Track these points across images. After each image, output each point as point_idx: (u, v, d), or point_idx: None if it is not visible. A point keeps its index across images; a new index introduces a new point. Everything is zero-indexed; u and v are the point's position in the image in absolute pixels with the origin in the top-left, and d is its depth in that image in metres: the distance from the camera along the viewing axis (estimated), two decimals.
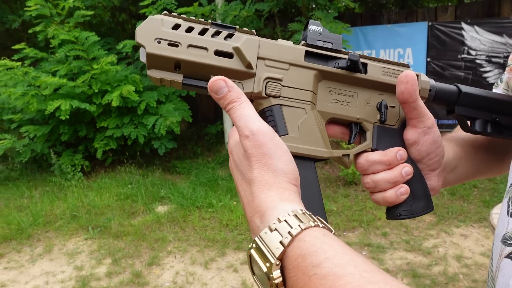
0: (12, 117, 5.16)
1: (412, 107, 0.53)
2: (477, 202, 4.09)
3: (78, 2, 5.27)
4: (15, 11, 6.47)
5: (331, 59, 0.56)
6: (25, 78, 4.82)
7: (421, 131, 0.55)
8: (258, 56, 0.53)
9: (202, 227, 3.81)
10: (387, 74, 0.57)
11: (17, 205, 4.48)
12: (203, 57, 0.51)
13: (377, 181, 0.54)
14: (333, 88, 0.57)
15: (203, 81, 0.53)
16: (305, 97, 0.54)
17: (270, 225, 0.40)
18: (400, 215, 0.55)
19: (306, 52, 0.55)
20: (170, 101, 5.43)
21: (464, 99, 0.59)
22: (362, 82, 0.57)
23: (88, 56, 5.07)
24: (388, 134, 0.57)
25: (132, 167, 5.26)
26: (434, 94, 0.59)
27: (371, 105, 0.58)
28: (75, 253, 3.47)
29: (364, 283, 0.33)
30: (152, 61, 0.51)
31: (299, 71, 0.54)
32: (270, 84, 0.53)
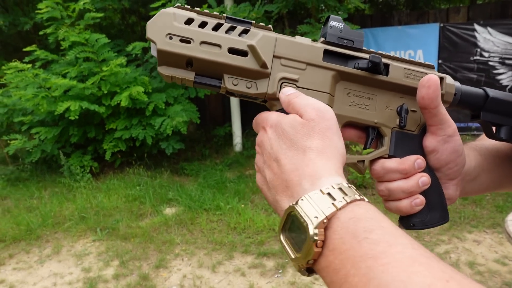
0: (22, 119, 5.21)
1: (432, 114, 0.51)
2: (490, 207, 4.00)
3: (88, 4, 5.30)
4: (27, 13, 6.54)
5: (351, 58, 0.53)
6: (36, 80, 4.87)
7: (441, 139, 0.52)
8: (274, 54, 0.50)
9: (209, 230, 3.79)
10: (410, 76, 0.53)
11: (26, 206, 4.51)
12: (216, 55, 0.49)
13: (392, 190, 0.52)
14: (351, 90, 0.53)
15: (215, 80, 0.51)
16: (322, 99, 0.51)
17: (322, 189, 0.40)
18: (414, 225, 0.53)
19: (325, 50, 0.52)
20: (179, 102, 5.43)
21: (491, 104, 0.55)
22: (383, 84, 0.54)
23: (98, 58, 5.09)
24: (407, 140, 0.54)
25: (141, 169, 5.27)
26: (459, 98, 0.55)
27: (390, 108, 0.54)
28: (83, 255, 3.48)
29: (416, 255, 0.33)
30: (163, 58, 0.49)
31: (317, 71, 0.51)
32: (286, 85, 0.51)
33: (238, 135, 6.14)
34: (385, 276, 0.32)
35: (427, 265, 0.32)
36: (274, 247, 3.43)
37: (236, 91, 0.51)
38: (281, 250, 3.35)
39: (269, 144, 0.46)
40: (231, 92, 0.52)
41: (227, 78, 0.50)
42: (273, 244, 3.49)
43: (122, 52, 5.80)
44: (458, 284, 0.30)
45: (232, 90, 0.51)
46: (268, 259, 3.27)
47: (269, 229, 3.72)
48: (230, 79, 0.50)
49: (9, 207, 4.51)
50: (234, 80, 0.50)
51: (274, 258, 3.26)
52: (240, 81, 0.50)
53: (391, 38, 5.93)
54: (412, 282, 0.30)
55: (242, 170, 5.40)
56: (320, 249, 0.38)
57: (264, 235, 3.61)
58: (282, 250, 3.26)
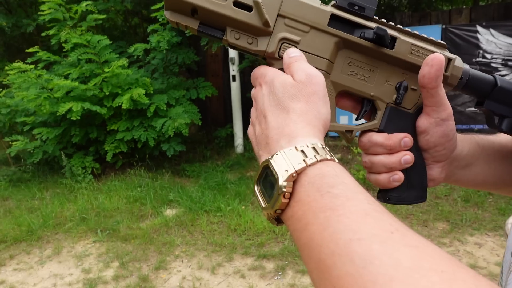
0: (25, 119, 5.23)
1: (430, 94, 0.50)
2: (492, 210, 3.97)
3: (90, 6, 5.33)
4: (30, 15, 6.58)
5: (358, 27, 0.51)
6: (38, 81, 4.89)
7: (433, 121, 0.52)
8: (278, 13, 0.49)
9: (210, 232, 3.78)
10: (416, 53, 0.51)
11: (28, 207, 4.52)
12: (221, 6, 0.48)
13: (375, 163, 0.53)
14: (353, 59, 0.52)
15: (218, 31, 0.50)
16: (319, 65, 0.50)
17: (297, 146, 0.42)
18: (389, 199, 0.54)
19: (332, 15, 0.50)
20: (180, 104, 5.44)
21: (498, 93, 0.53)
22: (386, 57, 0.52)
23: (99, 59, 5.11)
24: (400, 117, 0.53)
25: (142, 170, 5.28)
26: (465, 82, 0.53)
27: (390, 83, 0.53)
28: (83, 256, 3.48)
29: (370, 209, 0.35)
30: (170, 2, 0.49)
31: (320, 35, 0.50)
32: (286, 45, 0.50)
33: (240, 136, 6.14)
34: (339, 226, 0.34)
35: (377, 218, 0.34)
36: (274, 249, 3.42)
37: (237, 45, 0.50)
38: (281, 252, 3.34)
39: (262, 99, 0.48)
40: (232, 45, 0.51)
41: (230, 31, 0.50)
42: (273, 246, 3.48)
43: (124, 53, 5.82)
44: (402, 235, 0.32)
45: (234, 44, 0.50)
46: (268, 261, 3.26)
47: (270, 231, 3.71)
48: (233, 32, 0.50)
49: (11, 208, 4.52)
50: (236, 34, 0.50)
51: (274, 260, 3.25)
52: (242, 36, 0.50)
53: None
54: (361, 231, 0.33)
55: (243, 172, 5.40)
56: (287, 200, 0.41)
57: (264, 237, 3.60)
58: (282, 252, 3.26)
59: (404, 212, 3.96)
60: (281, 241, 3.55)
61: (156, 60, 5.70)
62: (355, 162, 5.34)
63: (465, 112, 5.79)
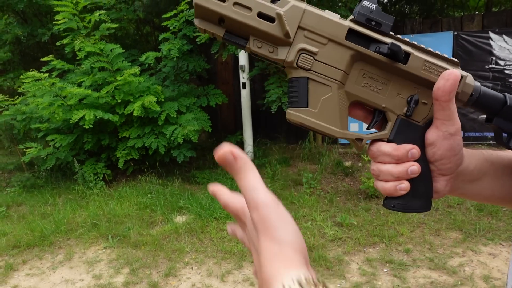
0: (39, 126, 5.33)
1: (442, 107, 0.52)
2: (507, 219, 3.90)
3: (104, 15, 5.43)
4: (45, 24, 6.74)
5: (374, 41, 0.53)
6: (52, 89, 4.99)
7: (442, 134, 0.53)
8: (299, 25, 0.52)
9: (219, 239, 3.79)
10: (428, 69, 0.54)
11: (41, 212, 4.59)
12: (246, 17, 0.51)
13: (382, 171, 0.54)
14: (367, 71, 0.54)
15: (242, 39, 0.54)
16: (335, 75, 0.53)
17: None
18: (394, 206, 0.56)
19: (350, 29, 0.53)
20: (191, 111, 5.49)
21: (507, 111, 0.55)
22: (399, 72, 0.54)
23: (112, 67, 5.20)
24: (410, 129, 0.55)
25: (152, 177, 5.32)
26: (475, 99, 0.55)
27: (401, 96, 0.55)
28: (94, 262, 3.52)
29: None
30: (199, 11, 0.52)
31: (337, 48, 0.53)
32: (304, 56, 0.53)
33: (250, 143, 6.16)
34: None
35: None
36: None
37: (259, 53, 0.53)
38: None
39: (249, 242, 0.48)
40: (254, 53, 0.54)
41: (253, 40, 0.53)
42: None
43: (136, 61, 5.91)
44: None
45: (256, 52, 0.53)
46: None
47: None
48: (255, 41, 0.53)
49: (24, 214, 4.60)
50: (259, 43, 0.53)
51: None
52: (264, 45, 0.53)
53: None
54: None
55: None
56: None
57: None
58: None
59: (416, 221, 3.91)
60: None
61: (167, 68, 5.77)
62: (365, 170, 5.31)
63: (478, 120, 5.72)
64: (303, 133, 6.21)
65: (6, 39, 6.63)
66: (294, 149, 6.30)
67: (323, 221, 4.03)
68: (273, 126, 6.80)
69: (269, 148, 6.40)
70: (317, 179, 5.05)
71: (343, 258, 3.35)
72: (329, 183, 5.09)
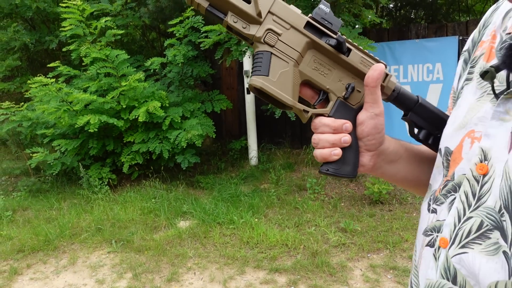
0: (45, 131, 5.39)
1: (370, 91, 0.64)
2: None
3: (109, 22, 5.50)
4: (52, 31, 6.83)
5: (325, 35, 0.66)
6: (58, 94, 5.05)
7: (369, 114, 0.65)
8: (269, 10, 0.64)
9: (222, 244, 3.78)
10: (363, 64, 0.67)
11: (46, 217, 4.63)
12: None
13: (321, 139, 0.66)
14: (317, 58, 0.67)
15: (222, 13, 0.64)
16: (292, 55, 0.65)
17: None
18: (328, 170, 0.66)
19: (307, 22, 0.65)
20: (195, 116, 5.51)
21: (418, 109, 0.69)
22: (342, 62, 0.67)
23: (117, 73, 5.25)
24: (345, 109, 0.68)
25: (157, 182, 5.34)
26: (396, 95, 0.69)
27: (342, 83, 0.68)
28: (97, 266, 3.53)
29: None
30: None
31: (296, 34, 0.65)
32: (270, 34, 0.64)
33: (254, 148, 6.16)
34: None
35: None
36: (287, 263, 3.39)
37: (234, 27, 0.64)
38: (293, 266, 3.31)
39: None
40: (230, 27, 0.64)
41: (230, 15, 0.63)
42: (285, 260, 3.45)
43: (142, 67, 5.96)
44: None
45: (231, 26, 0.64)
46: (280, 275, 3.23)
47: (282, 244, 3.68)
48: (232, 17, 0.63)
49: (30, 218, 4.63)
50: (235, 18, 0.63)
51: (286, 274, 3.22)
52: (239, 21, 0.63)
53: (408, 51, 5.86)
54: None
55: (257, 184, 5.39)
56: None
57: (276, 251, 3.57)
58: (295, 266, 3.22)
59: None
60: (293, 255, 3.52)
61: (172, 73, 5.81)
62: (369, 175, 5.28)
63: None
64: (307, 138, 6.19)
65: (15, 45, 6.73)
66: (298, 154, 6.29)
67: (327, 226, 4.00)
68: (278, 131, 6.80)
69: (273, 153, 6.39)
70: (321, 184, 5.03)
71: (347, 264, 3.32)
72: (333, 189, 5.07)
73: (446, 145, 0.61)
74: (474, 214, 0.50)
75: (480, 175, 0.50)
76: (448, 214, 0.54)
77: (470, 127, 0.55)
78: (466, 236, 0.50)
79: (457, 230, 0.52)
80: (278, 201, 4.76)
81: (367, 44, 4.35)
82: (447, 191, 0.57)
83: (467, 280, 0.49)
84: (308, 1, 4.93)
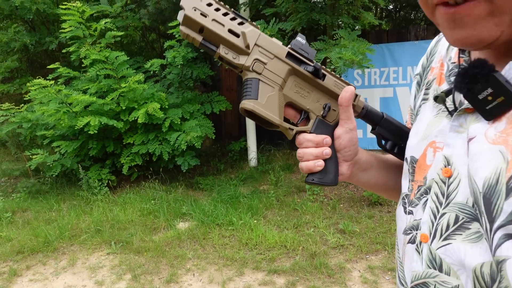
0: (45, 133, 5.40)
1: (343, 110, 0.75)
2: None
3: (109, 23, 5.51)
4: (52, 32, 6.85)
5: (303, 63, 0.75)
6: (58, 96, 5.06)
7: (344, 129, 0.75)
8: (255, 43, 0.72)
9: (221, 245, 3.79)
10: (337, 86, 0.77)
11: (45, 218, 4.63)
12: (220, 30, 0.70)
13: (306, 153, 0.75)
14: (298, 82, 0.76)
15: (214, 46, 0.71)
16: (277, 81, 0.74)
17: None
18: (313, 180, 0.75)
19: (288, 52, 0.74)
20: (195, 118, 5.52)
21: (384, 123, 0.80)
22: (319, 86, 0.77)
23: (117, 75, 5.26)
24: (324, 126, 0.77)
25: (156, 183, 5.35)
26: (365, 112, 0.80)
27: (320, 103, 0.77)
28: (97, 268, 3.54)
29: None
30: (186, 21, 0.69)
31: (279, 62, 0.74)
32: (257, 63, 0.72)
33: (253, 150, 6.17)
34: None
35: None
36: (285, 264, 3.40)
37: (225, 57, 0.71)
38: (292, 267, 3.32)
39: None
40: (221, 58, 0.72)
41: (222, 47, 0.71)
42: (284, 261, 3.46)
43: (141, 68, 5.97)
44: None
45: (223, 56, 0.71)
46: (278, 276, 3.24)
47: (281, 245, 3.69)
48: (224, 49, 0.71)
49: (29, 219, 4.64)
50: (226, 50, 0.71)
51: (285, 276, 3.23)
52: (229, 52, 0.71)
53: (407, 53, 5.88)
54: None
55: (256, 185, 5.40)
56: None
57: (275, 252, 3.58)
58: (293, 267, 3.23)
59: None
60: (292, 256, 3.53)
61: (172, 75, 5.83)
62: None
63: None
64: None
65: (14, 47, 6.74)
66: None
67: (326, 228, 4.02)
68: (277, 133, 6.81)
69: (272, 155, 6.40)
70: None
71: (345, 266, 3.33)
72: (332, 190, 5.08)
73: (411, 154, 0.71)
74: (446, 210, 0.58)
75: (446, 178, 0.59)
76: (424, 213, 0.62)
77: (431, 139, 0.65)
78: (445, 230, 0.57)
79: (435, 225, 0.59)
80: (277, 202, 4.77)
81: (365, 47, 4.36)
82: (420, 194, 0.65)
83: (451, 266, 0.56)
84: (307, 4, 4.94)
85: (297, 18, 4.85)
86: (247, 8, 5.73)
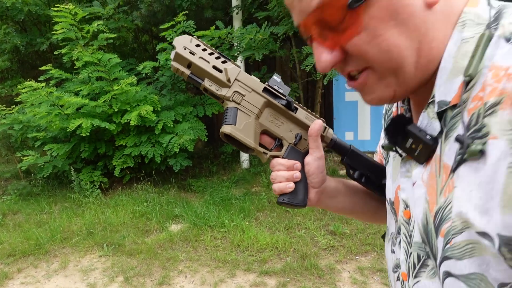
0: (36, 135, 5.38)
1: (313, 140, 0.81)
2: None
3: (102, 25, 5.51)
4: (44, 33, 6.82)
5: (278, 97, 0.84)
6: (49, 98, 5.04)
7: (313, 157, 0.82)
8: (236, 78, 0.82)
9: (213, 247, 3.82)
10: (307, 118, 0.86)
11: (37, 221, 4.62)
12: (206, 66, 0.81)
13: (278, 175, 0.81)
14: (273, 113, 0.85)
15: (200, 79, 0.81)
16: (254, 110, 0.83)
17: None
18: (284, 200, 0.81)
19: (265, 88, 0.84)
20: (187, 120, 5.55)
21: (351, 154, 0.87)
22: (291, 117, 0.85)
23: (109, 77, 5.26)
24: (295, 153, 0.85)
25: (148, 185, 5.36)
26: (333, 143, 0.87)
27: (292, 132, 0.86)
28: (89, 270, 3.54)
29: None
30: (177, 57, 0.80)
31: (256, 95, 0.83)
32: (236, 95, 0.82)
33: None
34: None
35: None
36: (277, 265, 3.44)
37: (209, 89, 0.81)
38: (283, 268, 3.36)
39: None
40: (206, 89, 0.81)
41: (207, 80, 0.81)
42: (275, 263, 3.50)
43: (134, 70, 5.97)
44: None
45: (207, 88, 0.81)
46: (270, 277, 3.28)
47: (272, 247, 3.73)
48: (208, 82, 0.81)
49: (20, 222, 4.62)
50: (210, 83, 0.81)
51: (276, 277, 3.27)
52: (213, 85, 0.81)
53: None
54: None
55: (248, 187, 5.45)
56: None
57: (267, 253, 3.63)
58: (284, 268, 3.28)
59: None
60: (283, 258, 3.58)
61: (165, 77, 5.84)
62: None
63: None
64: None
65: (5, 48, 6.70)
66: None
67: (316, 229, 4.07)
68: None
69: None
70: None
71: (335, 267, 3.39)
72: None
73: (389, 196, 0.75)
74: (412, 249, 0.62)
75: (407, 219, 0.64)
76: (400, 253, 0.67)
77: (397, 182, 0.70)
78: (413, 268, 0.62)
79: (407, 264, 0.64)
80: (269, 204, 4.81)
81: None
82: (397, 234, 0.70)
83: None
84: None
85: (289, 22, 4.90)
86: (240, 11, 5.78)
